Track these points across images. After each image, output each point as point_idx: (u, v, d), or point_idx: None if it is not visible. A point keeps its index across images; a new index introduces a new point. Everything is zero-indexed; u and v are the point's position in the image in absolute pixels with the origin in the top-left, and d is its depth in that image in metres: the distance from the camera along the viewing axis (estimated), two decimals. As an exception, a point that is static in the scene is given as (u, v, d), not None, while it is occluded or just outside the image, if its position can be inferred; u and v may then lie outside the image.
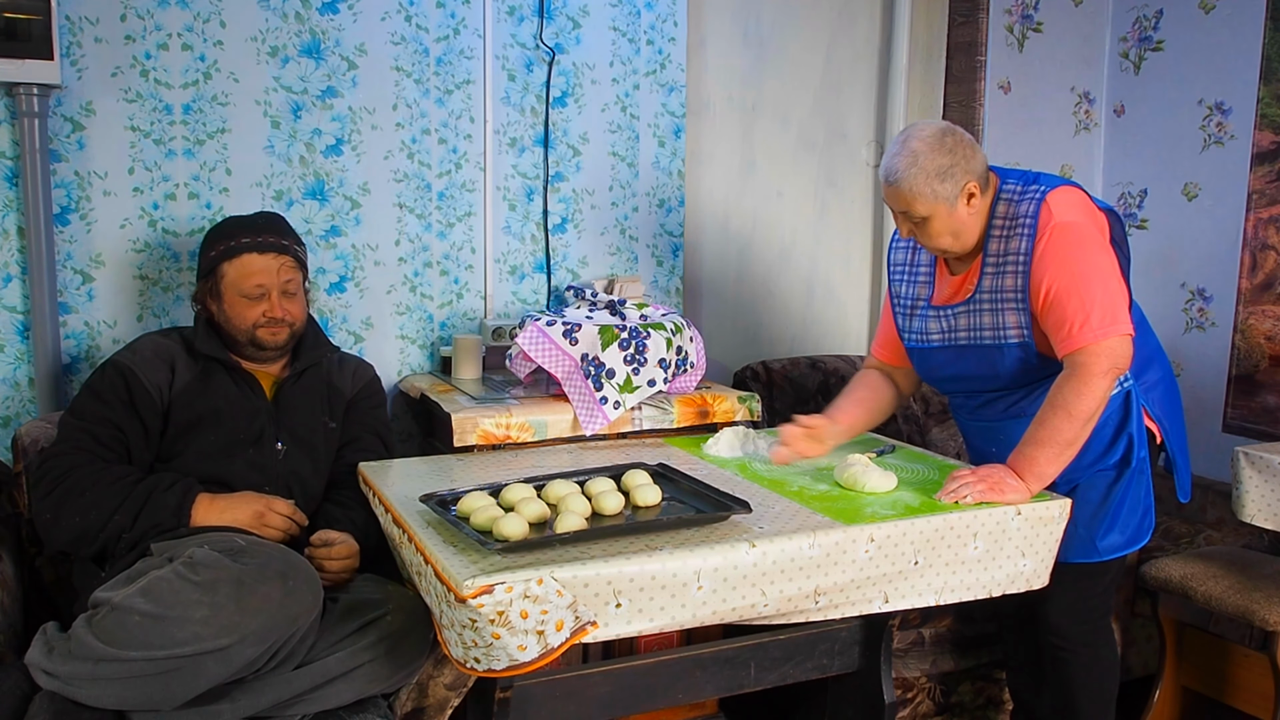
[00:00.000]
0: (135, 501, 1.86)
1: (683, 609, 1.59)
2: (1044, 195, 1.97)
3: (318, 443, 2.10)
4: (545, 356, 2.34)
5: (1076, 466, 2.00)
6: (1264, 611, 2.41)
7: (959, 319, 2.08)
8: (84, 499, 1.85)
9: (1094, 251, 1.93)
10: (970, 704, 2.62)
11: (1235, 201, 3.16)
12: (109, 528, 1.85)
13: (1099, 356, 1.88)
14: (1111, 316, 1.90)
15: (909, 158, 1.96)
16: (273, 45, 2.45)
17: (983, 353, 2.07)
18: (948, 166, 1.95)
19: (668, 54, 2.90)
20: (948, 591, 1.82)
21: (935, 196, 1.95)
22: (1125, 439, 2.06)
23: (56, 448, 1.93)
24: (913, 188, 1.95)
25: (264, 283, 2.06)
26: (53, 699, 1.59)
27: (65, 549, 1.92)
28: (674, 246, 3.00)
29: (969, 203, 1.98)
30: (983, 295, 2.04)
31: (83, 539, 1.86)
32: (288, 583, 1.64)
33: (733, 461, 2.14)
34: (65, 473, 1.88)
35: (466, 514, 1.69)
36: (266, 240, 2.08)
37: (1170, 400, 2.17)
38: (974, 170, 1.98)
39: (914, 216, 2.00)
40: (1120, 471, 2.06)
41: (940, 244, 2.03)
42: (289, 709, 1.69)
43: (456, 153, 2.69)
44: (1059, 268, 1.92)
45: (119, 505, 1.85)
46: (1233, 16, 3.16)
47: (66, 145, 2.29)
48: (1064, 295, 1.91)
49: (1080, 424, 1.89)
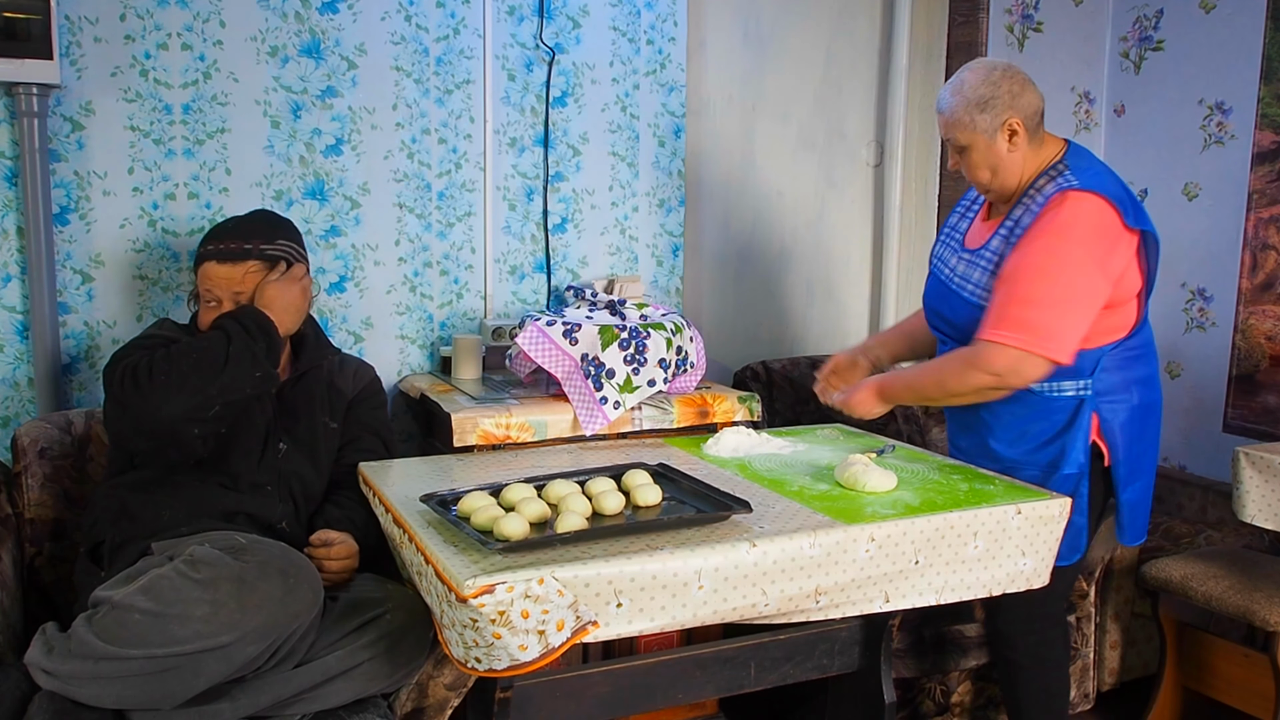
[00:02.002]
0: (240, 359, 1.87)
1: (683, 609, 1.58)
2: (1068, 188, 1.96)
3: (319, 443, 2.10)
4: (545, 356, 2.34)
5: (1010, 448, 2.09)
6: (1264, 611, 2.41)
7: (961, 265, 2.13)
8: (190, 360, 1.85)
9: (1069, 270, 1.91)
10: (970, 704, 2.62)
11: (1235, 201, 3.16)
12: (225, 375, 1.85)
13: (995, 358, 1.93)
14: (1032, 331, 1.90)
15: (956, 85, 2.05)
16: (273, 45, 2.45)
17: (955, 300, 2.12)
18: (989, 97, 2.01)
19: (668, 54, 2.90)
20: (948, 591, 1.82)
21: (974, 126, 2.02)
22: (1059, 445, 2.05)
23: (129, 360, 1.88)
24: (954, 114, 2.04)
25: (215, 292, 2.03)
26: (52, 698, 1.58)
27: (175, 425, 1.85)
28: (674, 246, 3.00)
29: (1010, 140, 2.03)
30: (986, 252, 2.08)
31: (199, 405, 1.84)
32: (288, 580, 1.64)
33: (733, 461, 2.14)
34: (158, 358, 1.85)
35: (467, 514, 1.69)
36: (228, 247, 2.04)
37: (1137, 429, 2.09)
38: (1019, 108, 2.02)
39: (956, 145, 2.07)
40: (1048, 475, 2.06)
41: (979, 177, 2.08)
42: (289, 708, 1.69)
43: (456, 153, 2.69)
44: (1024, 263, 1.95)
45: (225, 359, 1.86)
46: (1233, 16, 3.16)
47: (66, 145, 2.29)
48: (1008, 287, 1.95)
49: (941, 395, 2.07)
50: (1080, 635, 2.68)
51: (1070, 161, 2.04)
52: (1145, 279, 2.04)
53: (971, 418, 2.17)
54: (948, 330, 2.18)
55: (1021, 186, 2.06)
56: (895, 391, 2.14)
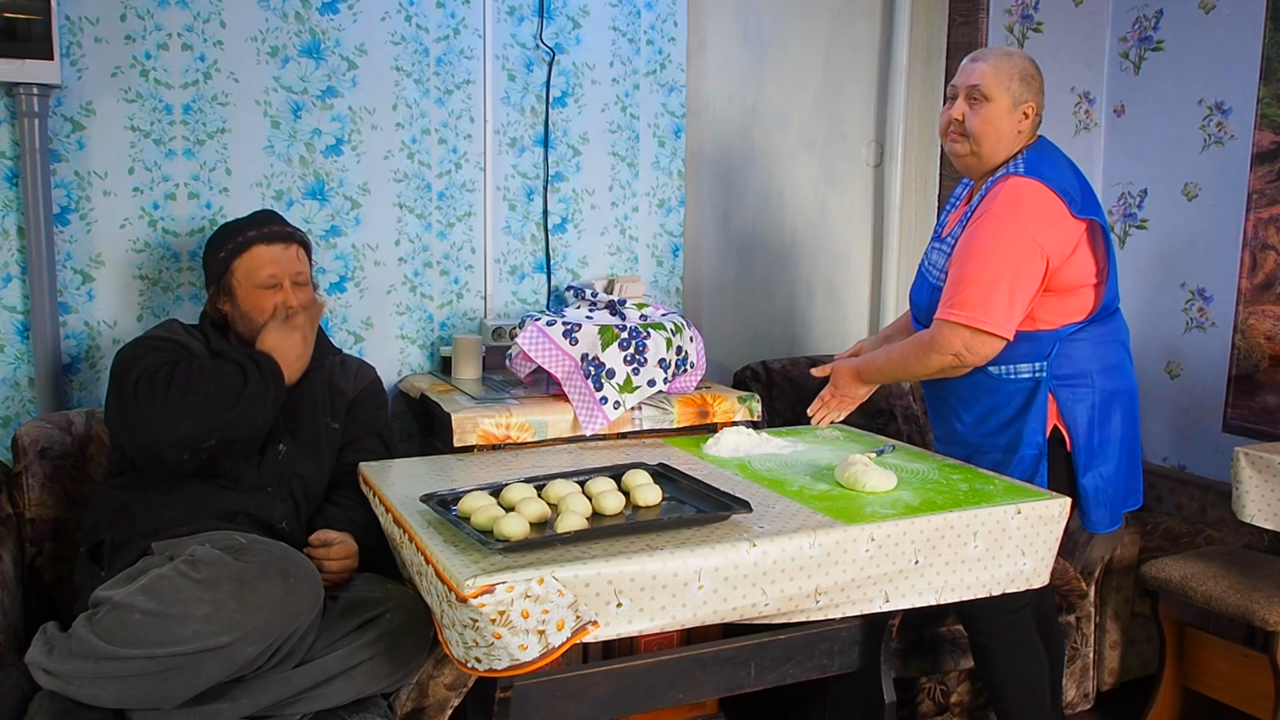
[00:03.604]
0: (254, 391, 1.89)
1: (683, 608, 1.59)
2: (1013, 173, 2.09)
3: (319, 443, 2.10)
4: (545, 356, 2.34)
5: (972, 431, 2.19)
6: (1264, 611, 2.41)
7: (933, 253, 2.25)
8: (206, 387, 1.86)
9: (1007, 248, 2.03)
10: (970, 704, 2.62)
11: (1235, 201, 3.16)
12: (242, 403, 1.87)
13: (950, 338, 2.06)
14: (977, 308, 2.02)
15: (1004, 51, 2.18)
16: (273, 45, 2.45)
17: (925, 285, 2.25)
18: (1032, 74, 2.15)
19: (668, 54, 2.91)
20: (948, 590, 1.82)
21: (1009, 88, 2.12)
22: (1017, 427, 2.13)
23: (145, 363, 1.89)
24: (999, 68, 2.13)
25: (276, 272, 2.07)
26: (53, 698, 1.59)
27: (174, 446, 1.85)
28: (674, 246, 3.00)
29: (1022, 121, 2.14)
30: (950, 239, 2.18)
31: (200, 435, 1.85)
32: (289, 580, 1.64)
33: (733, 461, 2.14)
34: (177, 373, 1.86)
35: (467, 514, 1.69)
36: (273, 230, 2.10)
37: (1100, 414, 2.13)
38: (1040, 102, 2.17)
39: (979, 92, 2.13)
40: (1007, 457, 2.14)
41: (975, 127, 2.14)
42: (289, 708, 1.69)
43: (456, 153, 2.69)
44: (970, 245, 2.07)
45: (242, 386, 1.88)
46: (1233, 16, 3.16)
47: (66, 145, 2.29)
48: (958, 269, 2.07)
49: (903, 371, 2.21)
50: (1080, 635, 2.69)
51: (1027, 153, 2.15)
52: (1100, 266, 2.12)
53: (941, 404, 2.28)
54: (919, 316, 2.31)
55: (991, 171, 2.16)
56: (870, 373, 2.28)
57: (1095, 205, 2.12)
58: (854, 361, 2.32)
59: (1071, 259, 2.07)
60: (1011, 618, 2.20)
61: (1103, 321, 2.16)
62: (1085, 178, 2.17)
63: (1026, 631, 2.23)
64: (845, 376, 2.32)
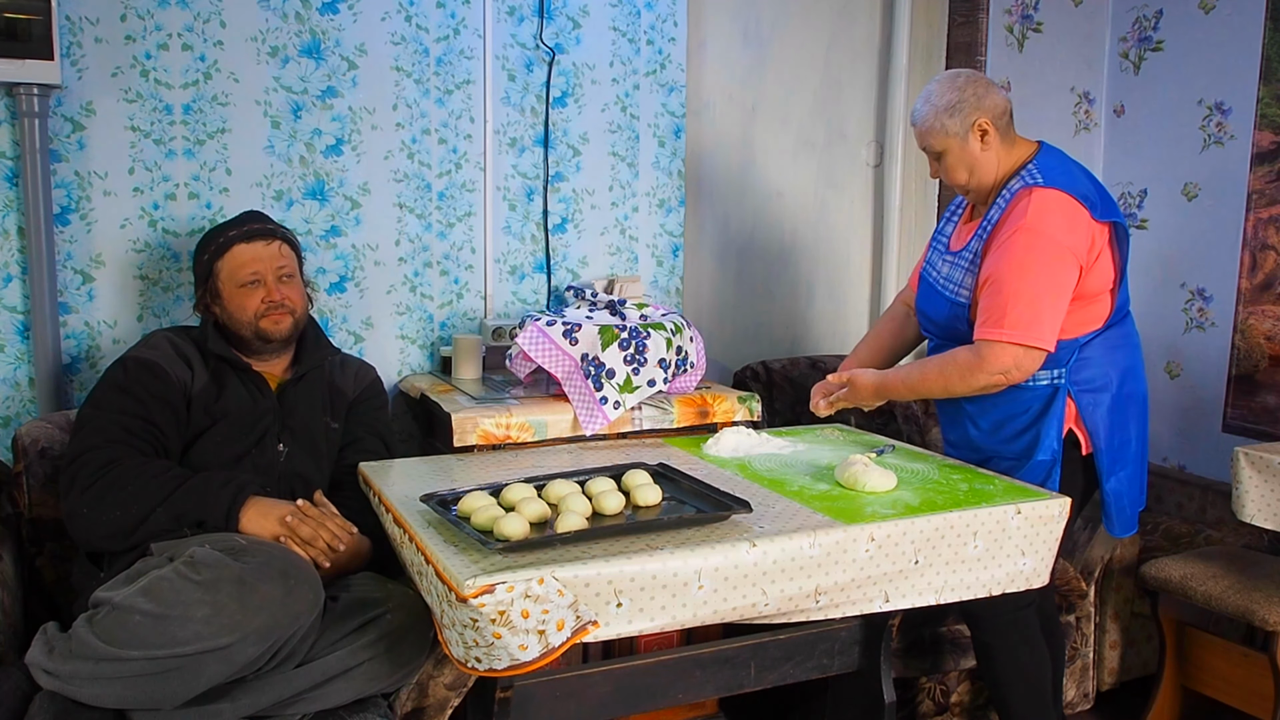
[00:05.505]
0: (186, 497, 1.82)
1: (683, 608, 1.59)
2: (1032, 184, 2.05)
3: (320, 443, 2.10)
4: (545, 356, 2.34)
5: (988, 438, 2.17)
6: (1264, 611, 2.41)
7: (945, 266, 2.21)
8: (125, 492, 1.81)
9: (1045, 261, 2.00)
10: (970, 704, 2.62)
11: (1235, 201, 3.16)
12: (149, 522, 1.80)
13: (1001, 357, 2.02)
14: (1027, 326, 1.99)
15: (925, 96, 2.16)
16: (273, 45, 2.45)
17: (939, 299, 2.21)
18: (956, 102, 2.10)
19: (668, 54, 2.91)
20: (948, 590, 1.82)
21: (946, 131, 2.11)
22: (1033, 433, 2.11)
23: (89, 441, 1.87)
24: (926, 122, 2.13)
25: (257, 269, 2.07)
26: (53, 699, 1.59)
27: (99, 545, 1.85)
28: (674, 246, 3.00)
29: (982, 140, 2.11)
30: (965, 253, 2.15)
31: (119, 533, 1.81)
32: (289, 581, 1.64)
33: (733, 461, 2.14)
34: (105, 465, 1.83)
35: (467, 514, 1.69)
36: (253, 229, 2.11)
37: (1119, 418, 2.14)
38: (985, 109, 2.10)
39: (932, 152, 2.15)
40: (1021, 462, 2.12)
41: (957, 178, 2.15)
42: (289, 708, 1.69)
43: (456, 153, 2.69)
44: (1005, 262, 2.03)
45: (164, 499, 1.81)
46: (1233, 16, 3.16)
47: (66, 145, 2.29)
48: (996, 286, 2.03)
49: (940, 391, 2.12)
50: (1080, 635, 2.69)
51: (1039, 161, 2.12)
52: (1117, 271, 2.11)
53: (955, 410, 2.25)
54: (933, 329, 2.27)
55: (997, 186, 2.14)
56: (894, 389, 2.21)
57: (1113, 206, 2.11)
58: (877, 375, 2.24)
59: (1096, 264, 2.06)
60: (1015, 616, 2.19)
61: (1117, 326, 2.16)
62: (1098, 180, 2.15)
63: (1030, 629, 2.22)
64: (866, 390, 2.23)
